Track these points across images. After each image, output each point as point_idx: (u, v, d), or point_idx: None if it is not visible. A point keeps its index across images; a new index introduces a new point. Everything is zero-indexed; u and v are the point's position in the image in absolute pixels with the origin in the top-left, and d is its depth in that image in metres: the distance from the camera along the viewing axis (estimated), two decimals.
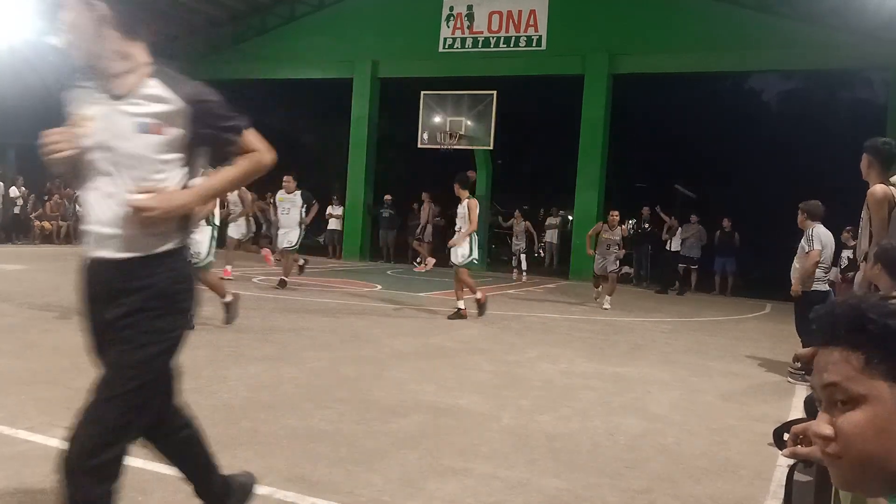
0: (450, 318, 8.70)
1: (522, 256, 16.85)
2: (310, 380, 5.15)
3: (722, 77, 24.82)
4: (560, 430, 4.27)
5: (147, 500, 2.85)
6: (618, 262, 11.49)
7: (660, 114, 23.61)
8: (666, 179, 22.13)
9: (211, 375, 5.05)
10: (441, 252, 14.62)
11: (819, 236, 6.47)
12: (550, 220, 21.18)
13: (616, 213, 11.50)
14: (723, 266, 15.86)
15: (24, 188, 17.38)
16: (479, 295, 8.88)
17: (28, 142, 20.05)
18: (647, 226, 16.78)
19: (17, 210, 16.97)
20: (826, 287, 6.62)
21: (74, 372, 4.88)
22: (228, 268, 11.35)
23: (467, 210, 8.89)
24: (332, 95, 21.45)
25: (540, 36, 17.47)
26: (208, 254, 6.80)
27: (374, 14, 18.91)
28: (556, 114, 23.10)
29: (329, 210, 19.26)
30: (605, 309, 10.79)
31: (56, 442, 3.39)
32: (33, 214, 17.25)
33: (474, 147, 17.71)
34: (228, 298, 7.03)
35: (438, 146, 18.05)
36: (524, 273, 16.66)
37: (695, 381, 6.05)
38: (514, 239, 16.62)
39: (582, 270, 16.82)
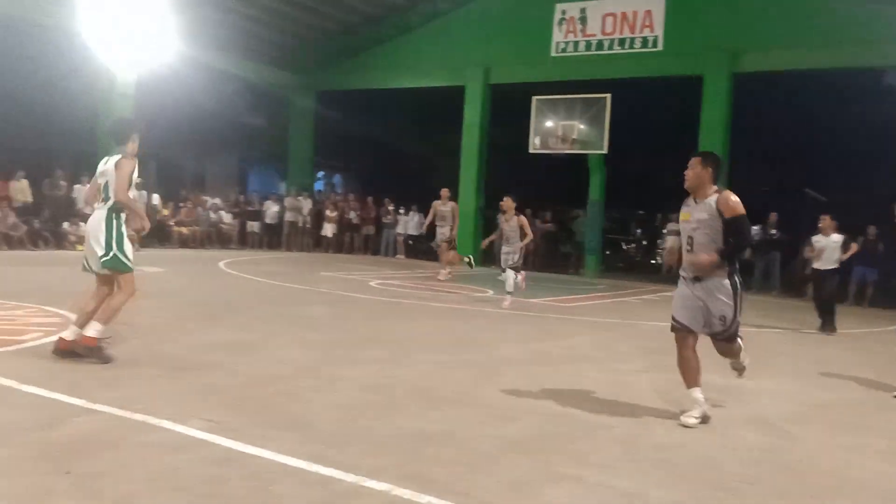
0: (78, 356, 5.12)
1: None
2: (421, 382, 5.28)
3: (852, 74, 23.21)
4: (674, 441, 4.17)
5: (275, 490, 3.04)
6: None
7: (785, 114, 22.36)
8: (793, 183, 20.96)
9: (328, 375, 5.28)
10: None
11: None
12: (670, 227, 20.56)
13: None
14: (862, 275, 14.82)
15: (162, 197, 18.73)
16: (79, 332, 5.13)
17: (167, 153, 21.60)
18: (774, 232, 15.93)
19: (158, 217, 18.32)
20: None
21: (209, 367, 5.24)
22: None
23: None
24: (443, 103, 21.79)
25: (656, 36, 17.05)
26: None
27: (486, 22, 19.10)
28: (672, 116, 22.39)
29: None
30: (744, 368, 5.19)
31: (193, 431, 3.68)
32: (171, 221, 18.57)
33: (587, 151, 17.50)
34: None
35: (550, 151, 17.96)
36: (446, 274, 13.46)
37: (824, 396, 5.73)
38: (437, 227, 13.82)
39: None
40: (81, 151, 19.08)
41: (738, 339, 4.83)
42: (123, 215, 5.28)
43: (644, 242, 28.98)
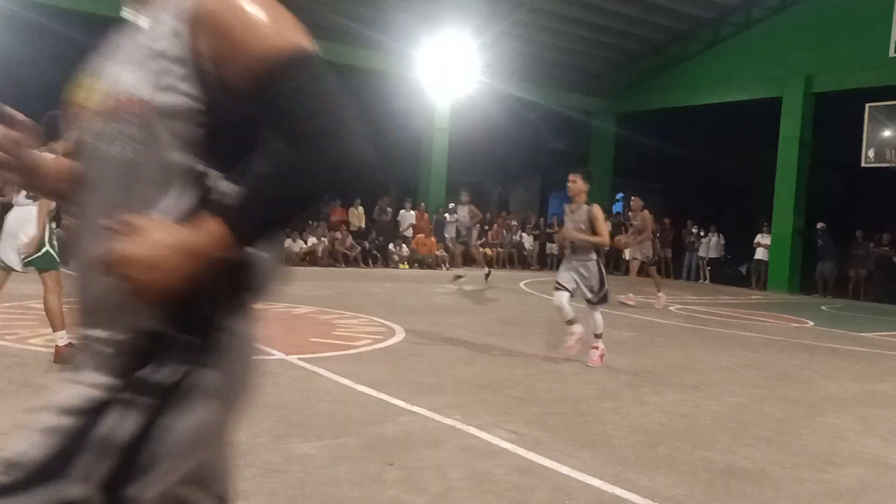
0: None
1: None
2: (730, 414, 4.95)
3: None
4: None
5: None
6: None
7: None
8: None
9: (630, 399, 5.21)
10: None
11: None
12: None
13: None
14: None
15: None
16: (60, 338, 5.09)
17: (474, 178, 23.10)
18: None
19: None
20: None
21: (513, 381, 5.51)
22: None
23: None
24: (755, 118, 20.28)
25: None
26: None
27: (809, 25, 17.37)
28: None
29: (757, 239, 18.26)
30: None
31: (497, 440, 3.89)
32: (478, 242, 19.86)
33: None
34: None
35: (889, 164, 15.69)
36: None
37: None
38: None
39: None
40: (404, 181, 21.39)
41: None
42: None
43: None
